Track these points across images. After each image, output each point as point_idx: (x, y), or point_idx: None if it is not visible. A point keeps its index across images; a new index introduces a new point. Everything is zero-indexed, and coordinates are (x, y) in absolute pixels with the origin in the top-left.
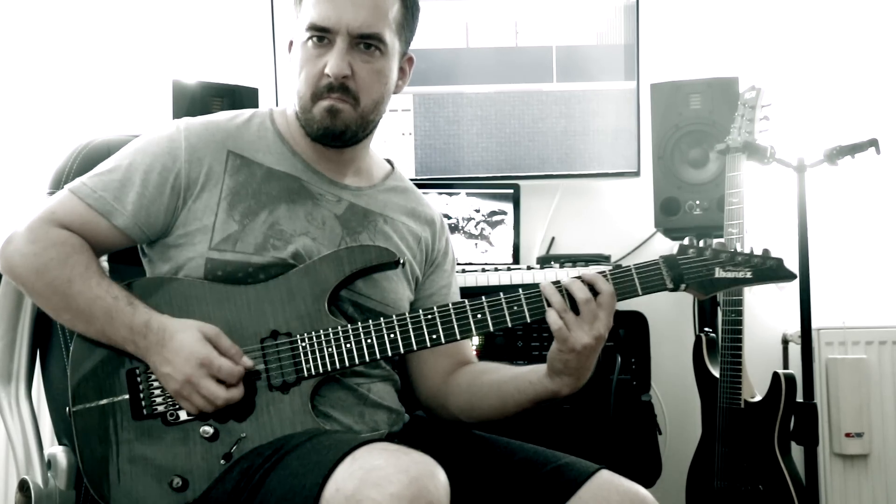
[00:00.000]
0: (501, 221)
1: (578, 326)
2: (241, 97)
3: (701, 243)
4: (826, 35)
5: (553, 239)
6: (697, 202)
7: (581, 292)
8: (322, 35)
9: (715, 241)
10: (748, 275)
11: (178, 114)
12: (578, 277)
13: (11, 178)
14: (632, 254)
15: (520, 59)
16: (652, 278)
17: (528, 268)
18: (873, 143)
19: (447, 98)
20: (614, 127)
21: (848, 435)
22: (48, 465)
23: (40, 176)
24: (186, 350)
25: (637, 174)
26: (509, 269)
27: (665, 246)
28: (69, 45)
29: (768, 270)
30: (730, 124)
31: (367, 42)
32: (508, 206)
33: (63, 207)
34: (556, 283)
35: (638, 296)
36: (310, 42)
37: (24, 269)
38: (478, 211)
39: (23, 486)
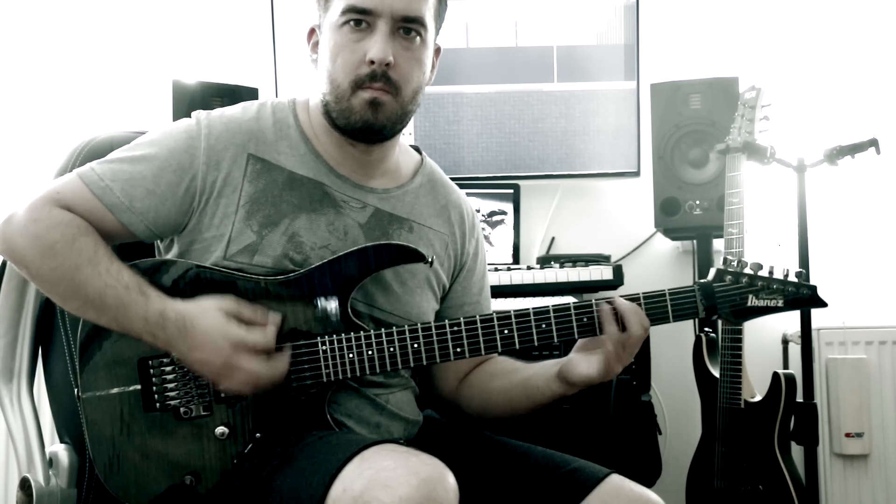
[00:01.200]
0: (501, 221)
1: (618, 359)
2: (241, 97)
3: (735, 263)
4: (826, 35)
5: (553, 239)
6: (697, 202)
7: (638, 328)
8: (361, 18)
9: (751, 262)
10: (780, 303)
11: (177, 114)
12: (635, 304)
13: (12, 178)
14: (632, 254)
15: (520, 59)
16: (685, 306)
17: (528, 268)
18: (873, 143)
19: (447, 98)
20: (614, 127)
21: (848, 435)
22: (50, 463)
23: (42, 174)
24: (215, 334)
25: (637, 174)
26: (509, 269)
27: (665, 246)
28: (70, 44)
29: (799, 299)
30: (730, 124)
31: (408, 27)
32: (508, 206)
33: (68, 189)
34: (612, 304)
35: (668, 323)
36: (346, 26)
37: (27, 252)
38: (478, 211)
39: (24, 484)
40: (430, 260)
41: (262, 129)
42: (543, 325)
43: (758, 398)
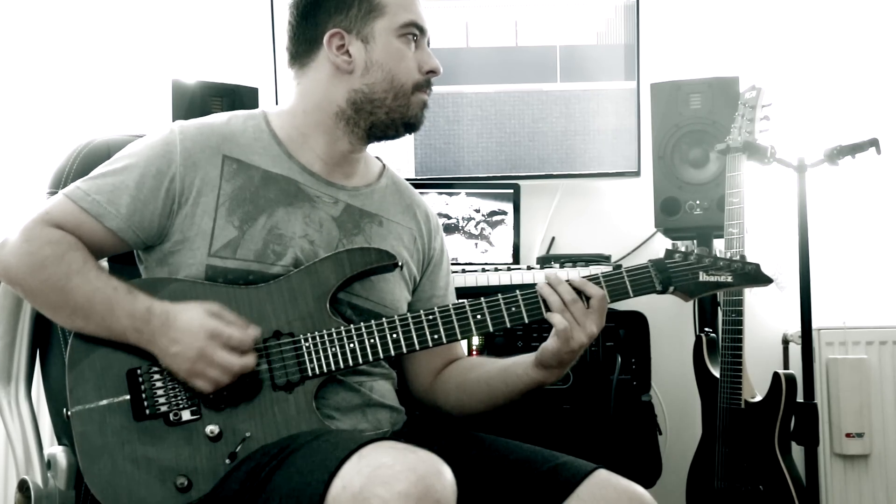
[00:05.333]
0: (501, 221)
1: (575, 325)
2: (241, 97)
3: (684, 248)
4: (826, 35)
5: (553, 239)
6: (697, 202)
7: (568, 294)
8: (417, 34)
9: (699, 247)
10: (729, 278)
11: (178, 114)
12: (568, 281)
13: (11, 179)
14: (632, 254)
15: (520, 58)
16: (642, 281)
17: (528, 268)
18: (873, 143)
19: (447, 98)
20: (614, 127)
21: (848, 435)
22: (48, 464)
23: (40, 176)
24: (195, 325)
25: (637, 174)
26: (509, 269)
27: (665, 246)
28: (69, 44)
29: (746, 275)
30: (730, 124)
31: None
32: (508, 206)
33: (57, 209)
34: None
35: (629, 297)
36: (407, 36)
37: (20, 269)
38: (478, 211)
39: (22, 486)
40: (401, 265)
41: (234, 132)
42: (513, 308)
43: (758, 398)
